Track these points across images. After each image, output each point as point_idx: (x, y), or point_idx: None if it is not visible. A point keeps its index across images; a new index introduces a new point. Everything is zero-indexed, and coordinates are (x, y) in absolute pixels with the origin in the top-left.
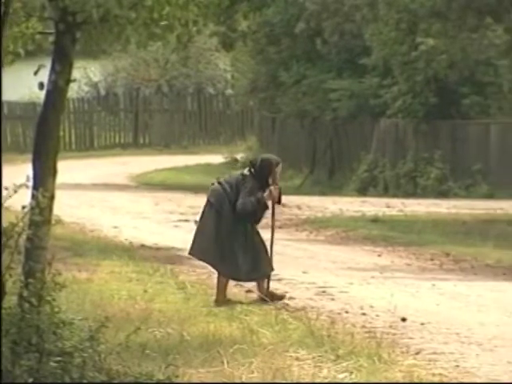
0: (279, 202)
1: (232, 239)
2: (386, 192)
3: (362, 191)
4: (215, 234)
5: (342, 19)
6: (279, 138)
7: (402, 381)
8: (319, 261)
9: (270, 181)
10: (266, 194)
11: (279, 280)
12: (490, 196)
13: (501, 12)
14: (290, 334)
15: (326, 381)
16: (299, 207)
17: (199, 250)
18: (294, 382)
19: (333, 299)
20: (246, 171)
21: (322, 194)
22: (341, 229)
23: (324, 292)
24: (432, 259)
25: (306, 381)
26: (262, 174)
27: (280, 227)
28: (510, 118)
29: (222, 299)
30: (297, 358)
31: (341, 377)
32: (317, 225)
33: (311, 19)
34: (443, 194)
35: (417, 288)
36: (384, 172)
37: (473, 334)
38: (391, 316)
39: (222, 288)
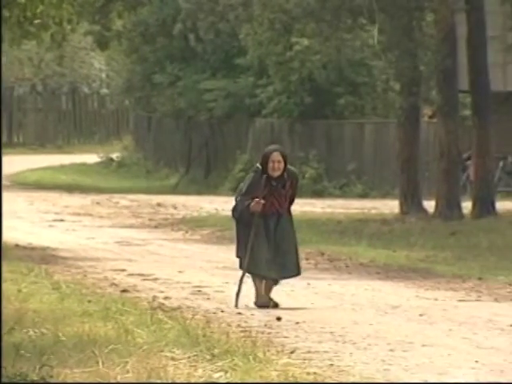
0: (285, 206)
1: (254, 234)
2: None
3: None
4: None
5: (216, 19)
6: (155, 138)
7: (276, 380)
8: (195, 260)
9: (270, 172)
10: (252, 204)
11: (155, 280)
12: (364, 196)
13: (374, 13)
14: (166, 333)
15: (201, 380)
16: (175, 207)
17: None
18: (169, 381)
19: (208, 298)
20: (257, 164)
21: (198, 193)
22: (217, 228)
23: (200, 291)
24: (307, 258)
25: (181, 380)
26: (263, 166)
27: (156, 227)
28: (384, 118)
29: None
30: (172, 358)
31: (216, 376)
32: (193, 224)
33: (188, 19)
34: (318, 194)
35: (292, 287)
36: None
37: (347, 332)
38: (266, 315)
39: (257, 286)
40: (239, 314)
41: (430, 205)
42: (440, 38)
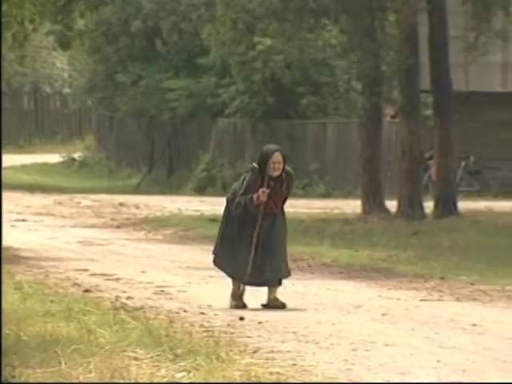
0: (280, 205)
1: (239, 239)
2: (224, 191)
3: (201, 190)
4: (221, 233)
5: (179, 18)
6: (117, 137)
7: (239, 379)
8: (158, 260)
9: (269, 171)
10: (255, 196)
11: (117, 280)
12: (326, 195)
13: (336, 13)
14: (128, 333)
15: (164, 380)
16: (137, 206)
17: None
18: (132, 381)
19: (171, 298)
20: (253, 165)
21: (161, 193)
22: (179, 228)
23: (162, 291)
24: None
25: (144, 380)
26: (261, 165)
27: (118, 227)
28: (346, 118)
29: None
30: (135, 358)
31: (179, 376)
32: (155, 224)
33: (148, 18)
34: None
35: (255, 287)
36: (222, 171)
37: (310, 332)
38: (229, 315)
39: (234, 290)
40: (202, 313)
41: (392, 204)
42: (402, 38)
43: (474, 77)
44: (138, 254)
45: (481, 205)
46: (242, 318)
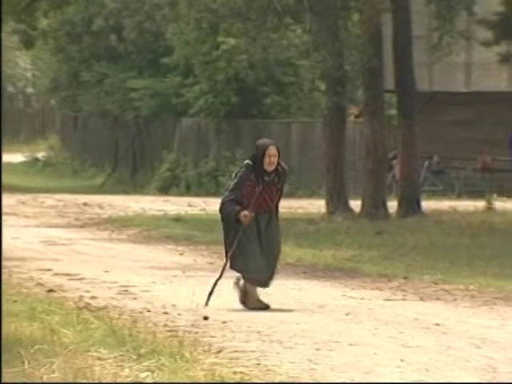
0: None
1: (246, 236)
2: (188, 191)
3: (165, 190)
4: (231, 235)
5: (142, 18)
6: (81, 137)
7: (203, 379)
8: (121, 260)
9: (265, 166)
10: (241, 215)
11: (81, 279)
12: (290, 195)
13: (300, 13)
14: (92, 333)
15: (128, 380)
16: (101, 206)
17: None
18: (96, 381)
19: (135, 298)
20: (247, 161)
21: (125, 192)
22: (143, 228)
23: (126, 291)
24: None
25: (108, 380)
26: (256, 162)
27: (82, 226)
28: (310, 118)
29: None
30: (98, 358)
31: (143, 376)
32: (119, 224)
33: (110, 17)
34: None
35: (219, 286)
36: (186, 171)
37: (274, 332)
38: (193, 315)
39: (250, 291)
40: (166, 313)
41: (356, 204)
42: (366, 38)
43: (437, 77)
44: (101, 253)
45: (444, 204)
46: (206, 318)
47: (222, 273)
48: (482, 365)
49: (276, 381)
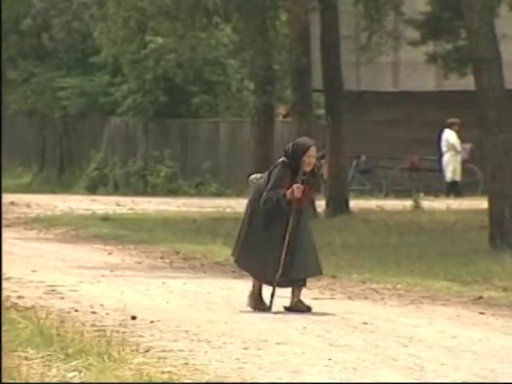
0: (310, 199)
1: (267, 236)
2: (116, 190)
3: (92, 189)
4: (244, 233)
5: (70, 17)
6: (8, 136)
7: (131, 379)
8: (49, 259)
9: (304, 166)
10: (289, 192)
11: (8, 279)
12: (219, 194)
13: (229, 12)
14: (19, 333)
15: (55, 380)
16: (28, 205)
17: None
18: (23, 381)
19: (62, 298)
20: (281, 159)
21: (52, 192)
22: (71, 227)
23: (53, 291)
24: (162, 257)
25: (35, 380)
26: (293, 160)
27: (8, 226)
28: (239, 117)
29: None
30: (25, 358)
31: (70, 376)
32: (46, 223)
33: (38, 16)
34: (173, 193)
35: (147, 286)
36: (114, 170)
37: (202, 331)
38: (121, 314)
39: (253, 290)
40: (94, 313)
41: None
42: (294, 38)
43: (365, 76)
44: (29, 253)
45: (372, 204)
46: (133, 318)
47: (283, 271)
48: (409, 363)
49: (204, 380)
